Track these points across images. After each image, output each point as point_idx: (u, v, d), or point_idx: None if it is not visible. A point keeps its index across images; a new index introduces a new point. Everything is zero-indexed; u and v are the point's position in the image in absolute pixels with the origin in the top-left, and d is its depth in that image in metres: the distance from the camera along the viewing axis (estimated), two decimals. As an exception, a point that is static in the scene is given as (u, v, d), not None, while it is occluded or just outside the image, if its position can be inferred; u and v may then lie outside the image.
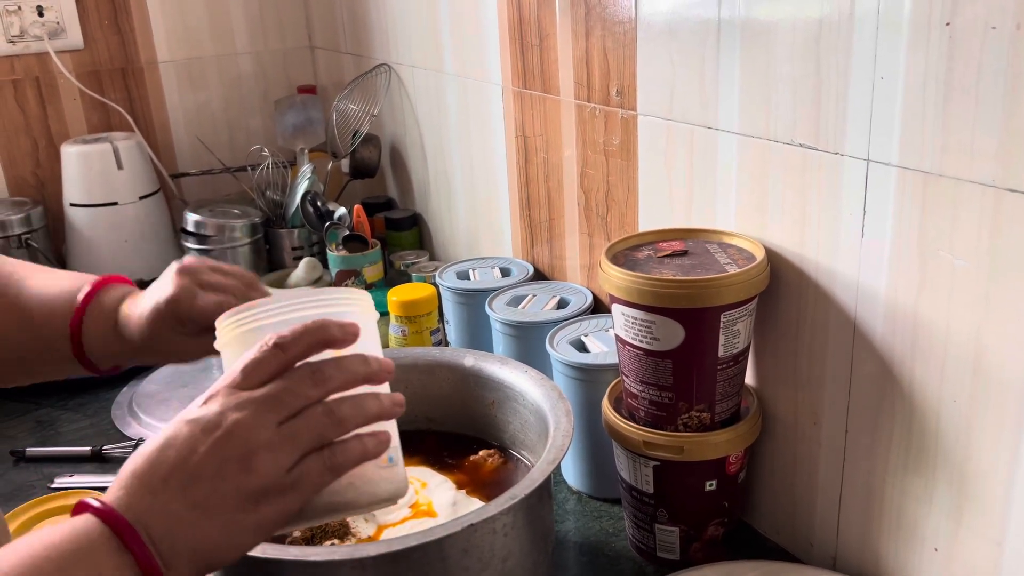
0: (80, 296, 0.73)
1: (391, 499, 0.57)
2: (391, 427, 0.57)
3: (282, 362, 0.53)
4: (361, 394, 0.55)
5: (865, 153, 0.69)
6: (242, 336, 0.57)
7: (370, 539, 0.79)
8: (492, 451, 0.92)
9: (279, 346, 0.53)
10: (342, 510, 0.56)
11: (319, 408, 0.53)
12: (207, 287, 0.70)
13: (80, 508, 0.52)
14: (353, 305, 0.59)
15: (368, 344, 0.57)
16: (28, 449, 1.13)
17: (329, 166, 1.61)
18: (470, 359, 0.95)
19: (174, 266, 0.71)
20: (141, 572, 0.50)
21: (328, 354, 0.55)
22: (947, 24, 0.61)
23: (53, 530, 0.50)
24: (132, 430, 1.17)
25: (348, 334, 0.55)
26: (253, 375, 0.53)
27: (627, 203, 1.02)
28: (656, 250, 0.84)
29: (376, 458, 0.55)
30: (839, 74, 0.70)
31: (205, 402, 0.53)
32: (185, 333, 0.70)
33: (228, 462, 0.51)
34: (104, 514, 0.50)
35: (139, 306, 0.71)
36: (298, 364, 0.54)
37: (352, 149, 1.57)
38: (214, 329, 0.61)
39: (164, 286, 0.70)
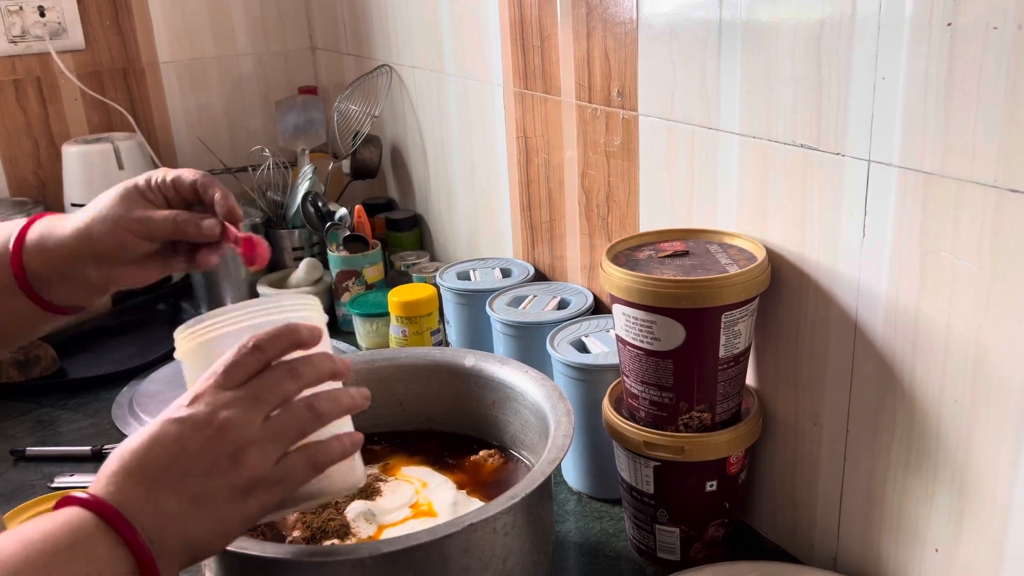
0: (15, 233, 0.74)
1: (354, 487, 0.65)
2: (349, 420, 0.64)
3: (260, 362, 0.57)
4: (335, 390, 0.60)
5: (866, 154, 0.69)
6: (204, 344, 0.61)
7: (370, 539, 0.79)
8: (492, 451, 0.92)
9: (257, 347, 0.57)
10: (315, 499, 0.62)
11: (300, 403, 0.58)
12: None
13: (68, 502, 0.53)
14: (309, 310, 0.64)
15: (325, 345, 0.63)
16: (28, 449, 1.13)
17: (330, 167, 1.61)
18: (471, 359, 0.95)
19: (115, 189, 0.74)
20: (137, 565, 0.51)
21: (295, 354, 0.60)
22: (948, 24, 0.61)
23: (45, 524, 0.51)
24: (132, 429, 1.17)
25: (314, 336, 0.60)
26: (235, 375, 0.57)
27: (628, 204, 1.02)
28: (657, 250, 0.84)
29: (351, 455, 0.61)
30: (840, 75, 0.70)
31: (191, 401, 0.56)
32: (151, 203, 0.74)
33: (220, 458, 0.54)
34: (100, 508, 0.52)
35: (77, 212, 0.75)
36: (274, 363, 0.58)
37: (353, 150, 1.57)
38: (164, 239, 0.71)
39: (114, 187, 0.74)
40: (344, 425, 0.64)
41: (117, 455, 0.55)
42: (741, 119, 0.81)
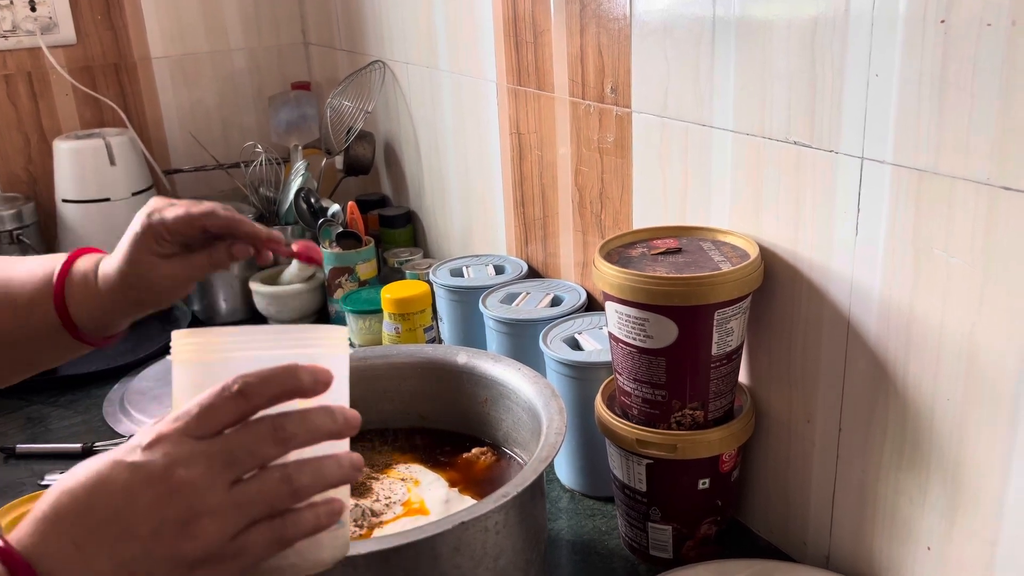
0: (57, 269, 0.74)
1: (333, 561, 0.53)
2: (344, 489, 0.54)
3: (243, 411, 0.47)
4: (321, 458, 0.50)
5: (860, 151, 0.69)
6: (203, 363, 0.51)
7: (362, 537, 0.79)
8: (485, 449, 0.92)
9: (242, 392, 0.47)
10: (282, 573, 0.51)
11: (276, 474, 0.48)
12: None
13: None
14: (330, 346, 0.53)
15: (338, 389, 0.52)
16: (18, 446, 1.12)
17: (323, 163, 1.61)
18: (463, 356, 0.94)
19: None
20: None
21: (292, 404, 0.49)
22: (942, 21, 0.61)
23: None
24: (123, 427, 1.17)
25: (319, 383, 0.49)
26: (208, 422, 0.47)
27: (621, 200, 1.01)
28: (650, 248, 0.84)
29: (326, 528, 0.50)
30: (834, 71, 0.70)
31: (150, 444, 0.47)
32: (163, 254, 0.73)
33: (168, 523, 0.45)
34: (10, 562, 0.44)
35: (114, 252, 0.74)
36: (259, 414, 0.48)
37: (346, 146, 1.57)
38: (191, 246, 0.70)
39: (133, 223, 0.73)
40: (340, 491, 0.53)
41: (53, 494, 0.46)
42: (735, 116, 0.81)
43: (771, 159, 0.78)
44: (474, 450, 0.92)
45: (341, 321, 1.39)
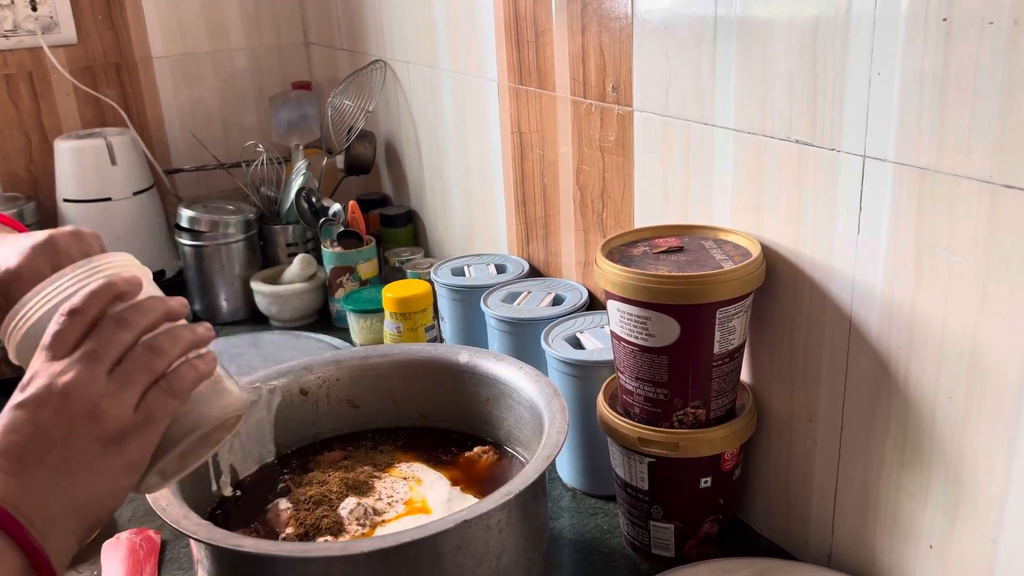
0: None
1: (232, 412, 0.59)
2: None
3: (82, 325, 0.55)
4: (173, 327, 0.57)
5: (861, 149, 0.69)
6: (28, 333, 0.57)
7: (364, 536, 0.79)
8: (487, 448, 0.92)
9: (75, 311, 0.54)
10: (195, 431, 0.58)
11: (139, 348, 0.55)
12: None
13: None
14: (121, 267, 0.59)
15: (148, 289, 0.59)
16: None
17: (324, 162, 1.61)
18: (465, 356, 0.94)
19: (41, 236, 0.63)
20: (22, 552, 0.50)
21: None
22: (944, 20, 0.61)
23: None
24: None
25: (133, 284, 0.57)
26: (60, 345, 0.54)
27: (623, 199, 1.01)
28: (652, 246, 0.84)
29: (210, 376, 0.58)
30: (835, 70, 0.70)
31: (25, 384, 0.54)
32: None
33: (76, 420, 0.52)
34: None
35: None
36: (102, 321, 0.55)
37: (347, 145, 1.57)
38: None
39: (8, 255, 0.62)
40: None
41: None
42: (736, 115, 0.81)
43: (773, 158, 0.78)
44: (476, 449, 0.92)
45: (342, 320, 1.39)
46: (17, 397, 0.54)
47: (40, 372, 0.54)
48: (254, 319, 1.50)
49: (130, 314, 0.56)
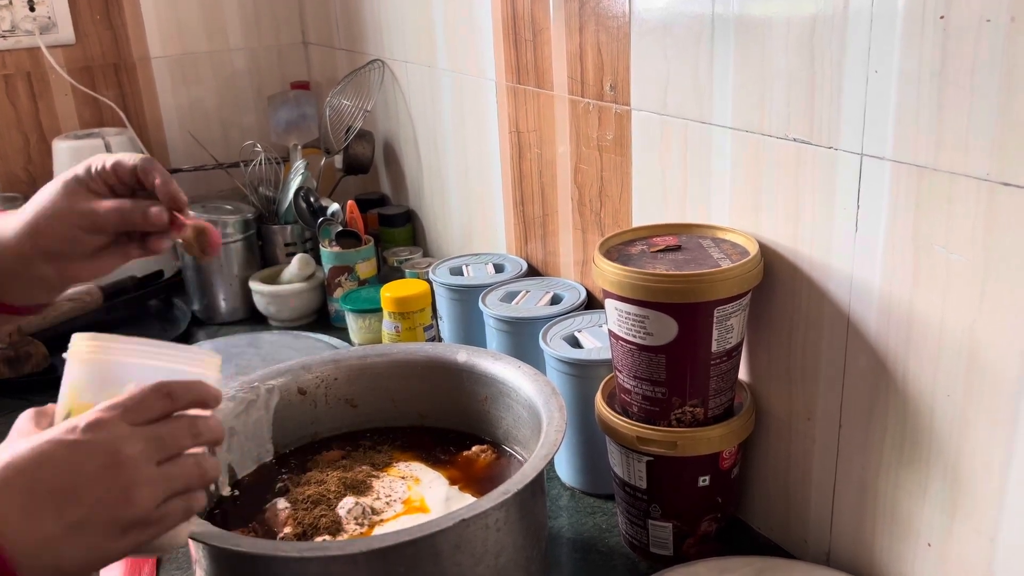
0: None
1: (183, 543, 0.64)
2: None
3: (167, 409, 0.58)
4: (210, 458, 0.61)
5: (859, 147, 0.69)
6: (101, 363, 0.60)
7: (362, 535, 0.79)
8: (485, 447, 0.92)
9: (169, 394, 0.58)
10: (161, 549, 0.61)
11: (191, 459, 0.58)
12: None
13: None
14: (207, 369, 0.64)
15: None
16: (19, 445, 1.12)
17: (322, 162, 1.61)
18: (463, 355, 0.94)
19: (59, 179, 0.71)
20: None
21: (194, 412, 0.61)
22: (941, 17, 0.61)
23: None
24: (124, 426, 1.17)
25: (216, 400, 0.62)
26: (140, 413, 0.56)
27: (621, 198, 1.01)
28: (650, 245, 0.84)
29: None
30: (833, 68, 0.70)
31: (89, 426, 0.54)
32: (91, 192, 0.71)
33: (112, 490, 0.54)
34: None
35: (19, 210, 0.72)
36: (177, 414, 0.59)
37: (345, 145, 1.57)
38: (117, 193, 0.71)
39: (65, 173, 0.72)
40: None
41: None
42: (734, 113, 0.81)
43: (771, 156, 0.78)
44: (474, 448, 0.92)
45: (341, 320, 1.39)
46: (71, 435, 0.54)
47: (107, 425, 0.55)
48: (252, 319, 1.50)
49: (203, 426, 0.59)
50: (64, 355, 0.61)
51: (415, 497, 0.84)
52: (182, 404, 0.59)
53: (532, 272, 1.24)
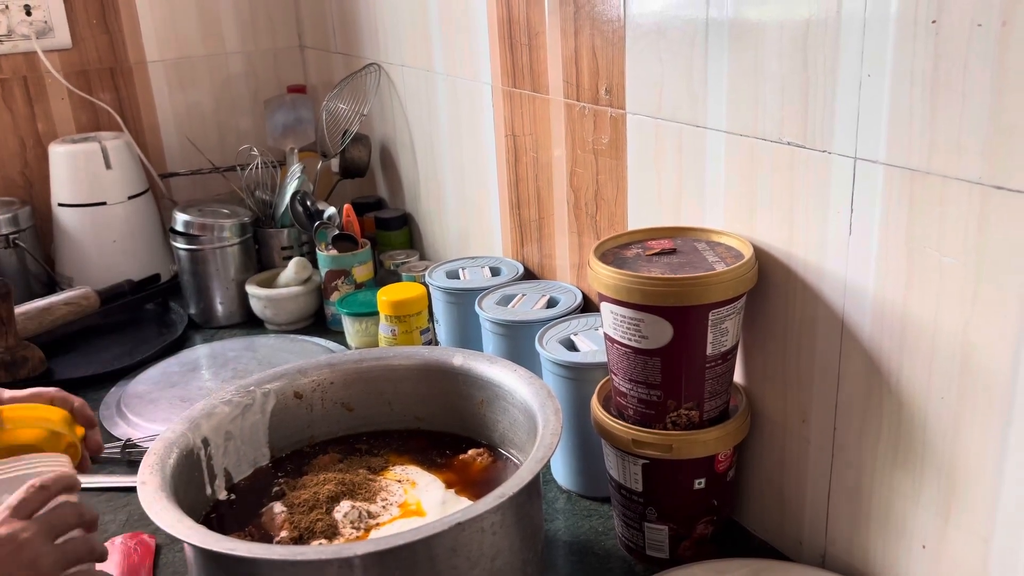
0: None
1: None
2: None
3: (45, 498, 0.71)
4: (96, 542, 0.73)
5: (852, 151, 0.69)
6: None
7: (358, 539, 0.79)
8: (481, 450, 0.92)
9: (43, 487, 0.71)
10: None
11: (81, 538, 0.71)
12: None
13: None
14: (61, 464, 0.77)
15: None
16: (15, 450, 1.12)
17: (319, 166, 1.61)
18: (459, 358, 0.95)
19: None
20: None
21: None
22: (933, 22, 0.61)
23: None
24: (120, 430, 1.17)
25: (78, 485, 0.75)
26: (25, 507, 0.69)
27: (616, 202, 1.02)
28: (645, 248, 0.84)
29: None
30: (826, 72, 0.70)
31: None
32: None
33: (22, 567, 0.66)
34: None
35: None
36: (59, 500, 0.72)
37: (342, 149, 1.57)
38: None
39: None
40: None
41: None
42: (728, 117, 0.81)
43: (765, 160, 0.78)
44: (470, 451, 0.92)
45: (337, 324, 1.39)
46: None
47: (3, 522, 0.68)
48: (249, 322, 1.50)
49: (83, 508, 0.72)
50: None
51: (411, 501, 0.84)
52: (55, 491, 0.71)
53: (528, 275, 1.24)
